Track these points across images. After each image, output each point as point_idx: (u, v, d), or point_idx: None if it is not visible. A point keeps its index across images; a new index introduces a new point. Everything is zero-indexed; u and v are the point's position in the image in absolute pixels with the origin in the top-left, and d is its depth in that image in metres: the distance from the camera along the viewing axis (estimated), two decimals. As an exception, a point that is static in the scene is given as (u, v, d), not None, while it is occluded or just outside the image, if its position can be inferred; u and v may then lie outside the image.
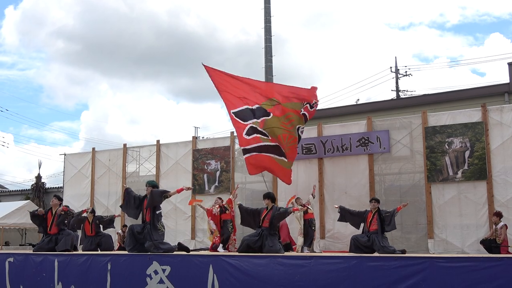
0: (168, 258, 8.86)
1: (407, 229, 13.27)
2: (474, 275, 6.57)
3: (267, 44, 25.54)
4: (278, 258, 8.07)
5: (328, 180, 14.27)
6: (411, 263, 7.01)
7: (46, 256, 10.24)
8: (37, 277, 10.04)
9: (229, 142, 15.91)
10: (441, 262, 6.88)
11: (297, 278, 7.58)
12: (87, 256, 9.91)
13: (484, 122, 12.64)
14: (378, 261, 7.35)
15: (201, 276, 8.25)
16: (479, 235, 12.12)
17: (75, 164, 18.80)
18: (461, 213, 12.63)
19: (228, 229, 12.33)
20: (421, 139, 13.31)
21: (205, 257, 8.71)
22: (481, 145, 12.55)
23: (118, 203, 17.51)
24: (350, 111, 21.58)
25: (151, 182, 10.00)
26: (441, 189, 12.95)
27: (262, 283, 7.84)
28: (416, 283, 6.83)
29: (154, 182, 10.16)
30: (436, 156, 13.01)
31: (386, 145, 13.62)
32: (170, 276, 8.57)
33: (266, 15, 25.91)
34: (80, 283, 9.52)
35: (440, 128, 13.09)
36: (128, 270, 9.07)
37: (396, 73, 35.31)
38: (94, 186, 18.11)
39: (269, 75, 25.35)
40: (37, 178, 31.29)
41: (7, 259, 10.60)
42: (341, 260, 7.59)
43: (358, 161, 14.00)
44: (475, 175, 12.56)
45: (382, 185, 13.88)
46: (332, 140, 14.21)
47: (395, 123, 13.93)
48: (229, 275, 8.08)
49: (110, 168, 17.89)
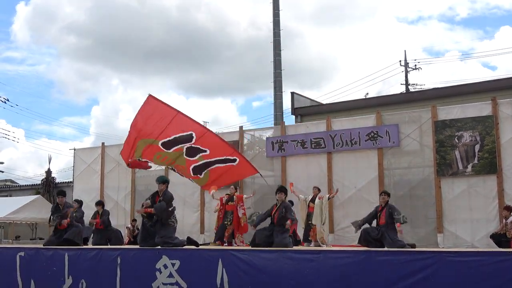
0: (178, 252, 8.89)
1: (417, 223, 13.22)
2: (484, 269, 6.54)
3: (276, 38, 25.50)
4: (287, 253, 8.08)
5: (337, 175, 14.24)
6: (420, 258, 7.00)
7: (56, 250, 10.30)
8: (48, 271, 10.10)
9: (237, 136, 15.91)
10: (450, 256, 6.86)
11: (306, 272, 7.59)
12: (97, 250, 9.96)
13: (494, 115, 12.56)
14: (387, 256, 7.34)
15: (210, 270, 8.27)
16: (489, 230, 12.05)
17: (85, 159, 18.89)
18: (471, 207, 12.57)
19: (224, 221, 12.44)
20: (430, 133, 13.25)
21: (214, 251, 8.74)
22: (491, 139, 12.48)
23: (127, 198, 17.63)
24: (359, 105, 21.48)
25: (161, 179, 9.94)
26: (450, 183, 12.89)
27: (271, 277, 7.85)
28: (426, 277, 6.81)
29: (164, 178, 10.08)
30: (445, 150, 12.95)
31: (396, 139, 13.57)
32: (179, 270, 8.59)
33: (274, 9, 25.87)
34: (90, 277, 9.58)
35: (449, 122, 13.02)
36: (137, 264, 9.11)
37: (406, 67, 35.16)
38: (104, 180, 18.19)
39: (277, 69, 25.34)
40: (47, 173, 31.44)
41: (18, 253, 10.67)
42: (351, 255, 7.59)
43: (367, 155, 13.96)
44: (485, 169, 12.49)
45: (391, 179, 13.83)
46: (341, 135, 14.18)
47: (405, 117, 13.87)
48: (238, 269, 8.10)
49: (119, 163, 17.92)
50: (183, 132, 10.82)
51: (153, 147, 11.00)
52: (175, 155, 10.99)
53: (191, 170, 11.20)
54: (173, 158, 11.13)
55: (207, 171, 11.24)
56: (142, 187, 17.38)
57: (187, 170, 11.25)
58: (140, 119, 11.12)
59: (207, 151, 10.93)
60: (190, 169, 11.20)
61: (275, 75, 25.38)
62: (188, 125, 10.92)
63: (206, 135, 11.00)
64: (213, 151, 10.93)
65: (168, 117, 10.84)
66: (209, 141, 10.99)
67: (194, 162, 11.08)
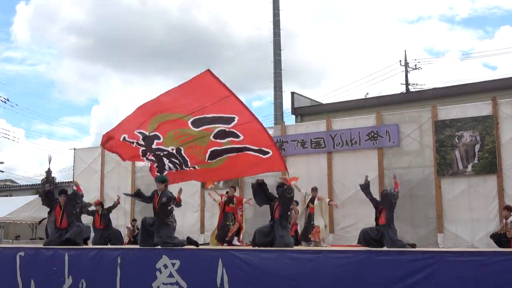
0: (178, 252, 8.90)
1: (417, 223, 13.22)
2: (484, 269, 6.53)
3: (276, 38, 25.49)
4: (287, 252, 8.08)
5: (337, 175, 14.24)
6: (420, 257, 6.99)
7: (56, 250, 10.30)
8: (48, 271, 10.10)
9: (238, 136, 15.88)
10: (450, 256, 6.86)
11: (307, 272, 7.58)
12: (97, 250, 9.97)
13: (494, 115, 12.56)
14: (387, 255, 7.34)
15: (210, 270, 8.27)
16: (489, 229, 12.05)
17: (85, 159, 18.89)
18: (471, 207, 12.57)
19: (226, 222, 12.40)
20: (430, 133, 13.25)
21: (214, 251, 8.75)
22: (491, 138, 12.48)
23: (127, 198, 17.54)
24: (360, 105, 21.49)
25: (160, 178, 9.94)
26: (450, 183, 12.89)
27: (271, 277, 7.84)
28: (426, 277, 6.80)
29: (163, 177, 10.09)
30: (446, 150, 12.95)
31: (396, 139, 13.57)
32: (179, 270, 8.59)
33: (274, 9, 25.86)
34: (90, 277, 9.57)
35: (450, 121, 13.02)
36: (138, 264, 9.11)
37: (406, 66, 35.14)
38: (104, 180, 18.20)
39: (277, 69, 25.33)
40: (47, 173, 31.44)
41: (18, 253, 10.66)
42: (351, 255, 7.58)
43: (367, 155, 13.96)
44: (485, 169, 12.49)
45: (391, 179, 13.81)
46: (341, 134, 14.18)
47: (405, 117, 13.87)
48: (238, 269, 8.10)
49: (119, 163, 17.92)
50: (225, 114, 10.29)
51: (176, 122, 10.62)
52: (200, 134, 10.59)
53: (208, 152, 10.96)
54: (195, 137, 10.72)
55: (224, 157, 10.85)
56: (142, 187, 17.25)
57: (204, 151, 10.90)
58: (177, 93, 10.63)
59: (240, 137, 10.46)
60: (208, 151, 10.82)
61: (275, 75, 25.36)
62: (235, 109, 10.27)
63: (251, 123, 10.35)
64: (249, 139, 10.45)
65: (217, 96, 10.21)
66: (250, 128, 10.39)
67: (218, 145, 10.66)
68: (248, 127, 10.22)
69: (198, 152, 10.90)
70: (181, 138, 10.82)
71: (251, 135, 10.32)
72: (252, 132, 10.28)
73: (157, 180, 9.90)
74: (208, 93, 10.19)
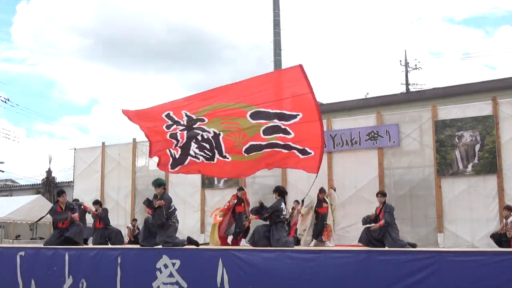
0: (178, 252, 8.90)
1: (417, 223, 13.24)
2: (484, 269, 6.53)
3: (276, 38, 25.48)
4: (287, 252, 8.08)
5: (338, 174, 14.25)
6: (420, 257, 6.99)
7: (56, 250, 10.30)
8: (48, 270, 10.10)
9: (238, 136, 15.88)
10: (450, 256, 6.86)
11: (307, 272, 7.58)
12: (97, 250, 9.96)
13: (494, 115, 12.57)
14: (387, 255, 7.33)
15: (211, 269, 8.27)
16: (489, 229, 12.06)
17: (85, 159, 18.90)
18: (471, 207, 12.58)
19: (242, 222, 12.36)
20: (431, 133, 13.26)
21: (214, 251, 8.74)
22: (492, 138, 12.48)
23: (128, 197, 17.65)
24: (360, 105, 21.52)
25: (157, 182, 9.84)
26: (451, 183, 12.90)
27: (271, 277, 7.84)
28: (426, 277, 6.80)
29: (159, 181, 9.92)
30: (446, 150, 12.96)
31: (396, 139, 13.58)
32: (179, 270, 8.60)
33: (274, 9, 25.86)
34: (90, 276, 9.57)
35: (450, 121, 13.03)
36: (138, 264, 9.11)
37: (406, 66, 35.15)
38: (104, 180, 18.22)
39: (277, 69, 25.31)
40: (47, 173, 31.44)
41: (19, 253, 10.66)
42: (351, 254, 7.58)
43: (367, 155, 13.97)
44: (485, 169, 12.50)
45: (391, 179, 13.83)
46: (342, 134, 14.19)
47: (405, 116, 13.88)
48: (239, 268, 8.10)
49: (120, 163, 17.97)
50: (291, 111, 10.25)
51: (233, 110, 10.58)
52: (252, 126, 10.54)
53: (248, 144, 10.76)
54: (245, 127, 10.62)
55: (262, 152, 10.78)
56: (142, 186, 17.39)
57: (244, 141, 10.74)
58: (254, 82, 10.47)
59: (291, 134, 10.37)
60: (249, 143, 10.77)
61: (276, 75, 25.35)
62: (305, 106, 10.16)
63: (312, 123, 10.20)
64: (298, 137, 10.35)
65: (295, 91, 10.17)
66: (307, 128, 10.27)
67: (260, 140, 10.59)
68: (307, 126, 10.19)
69: (238, 140, 10.81)
70: (227, 124, 10.78)
71: (303, 133, 10.26)
72: (306, 131, 10.23)
73: (155, 184, 9.80)
74: (288, 87, 10.23)
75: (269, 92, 10.37)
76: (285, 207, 10.19)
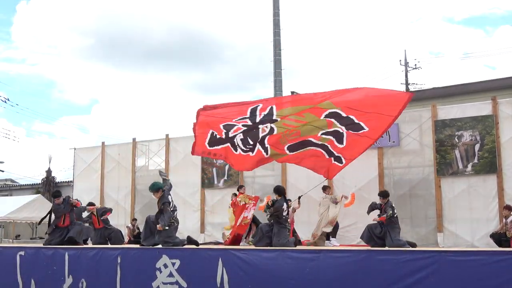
0: (178, 251, 8.90)
1: (417, 222, 13.23)
2: (484, 269, 6.54)
3: (276, 37, 25.51)
4: (287, 252, 8.08)
5: (338, 174, 14.20)
6: (420, 257, 6.99)
7: (56, 250, 10.30)
8: (48, 270, 10.10)
9: (238, 136, 15.88)
10: (450, 255, 6.86)
11: (307, 271, 7.59)
12: (97, 250, 9.96)
13: (494, 115, 12.56)
14: (387, 255, 7.34)
15: (211, 269, 8.27)
16: (489, 229, 12.06)
17: (85, 159, 18.89)
18: (471, 206, 12.57)
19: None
20: (430, 133, 13.25)
21: (214, 250, 8.74)
22: (491, 138, 12.48)
23: (127, 197, 17.64)
24: (359, 105, 21.46)
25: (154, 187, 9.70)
26: (450, 183, 12.90)
27: (271, 276, 7.85)
28: (425, 276, 6.81)
29: (156, 185, 9.72)
30: (445, 150, 12.95)
31: (396, 138, 13.57)
32: (179, 270, 8.60)
33: (274, 8, 25.88)
34: (90, 276, 9.57)
35: (449, 121, 13.03)
36: (138, 264, 9.11)
37: (406, 66, 35.16)
38: (104, 180, 18.20)
39: (277, 69, 25.35)
40: (47, 172, 31.45)
41: (18, 252, 10.66)
42: (351, 254, 7.59)
43: (367, 154, 13.85)
44: (485, 169, 12.50)
45: (391, 178, 13.83)
46: (342, 134, 14.16)
47: (405, 116, 13.83)
48: (238, 268, 8.11)
49: (119, 162, 17.96)
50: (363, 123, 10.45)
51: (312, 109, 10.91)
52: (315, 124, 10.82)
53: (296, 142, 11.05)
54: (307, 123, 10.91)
55: (301, 151, 11.10)
56: (142, 186, 17.38)
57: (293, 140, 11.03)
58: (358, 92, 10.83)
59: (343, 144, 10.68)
60: (296, 140, 11.06)
61: (275, 74, 25.39)
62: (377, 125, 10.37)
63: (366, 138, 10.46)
64: (346, 148, 10.64)
65: (383, 112, 10.35)
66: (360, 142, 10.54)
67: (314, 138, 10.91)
68: (362, 140, 10.49)
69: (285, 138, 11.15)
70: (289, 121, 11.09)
71: (353, 146, 10.59)
72: (357, 145, 10.57)
73: (152, 189, 9.70)
74: (384, 104, 10.42)
75: (364, 103, 10.56)
76: (286, 207, 10.20)
